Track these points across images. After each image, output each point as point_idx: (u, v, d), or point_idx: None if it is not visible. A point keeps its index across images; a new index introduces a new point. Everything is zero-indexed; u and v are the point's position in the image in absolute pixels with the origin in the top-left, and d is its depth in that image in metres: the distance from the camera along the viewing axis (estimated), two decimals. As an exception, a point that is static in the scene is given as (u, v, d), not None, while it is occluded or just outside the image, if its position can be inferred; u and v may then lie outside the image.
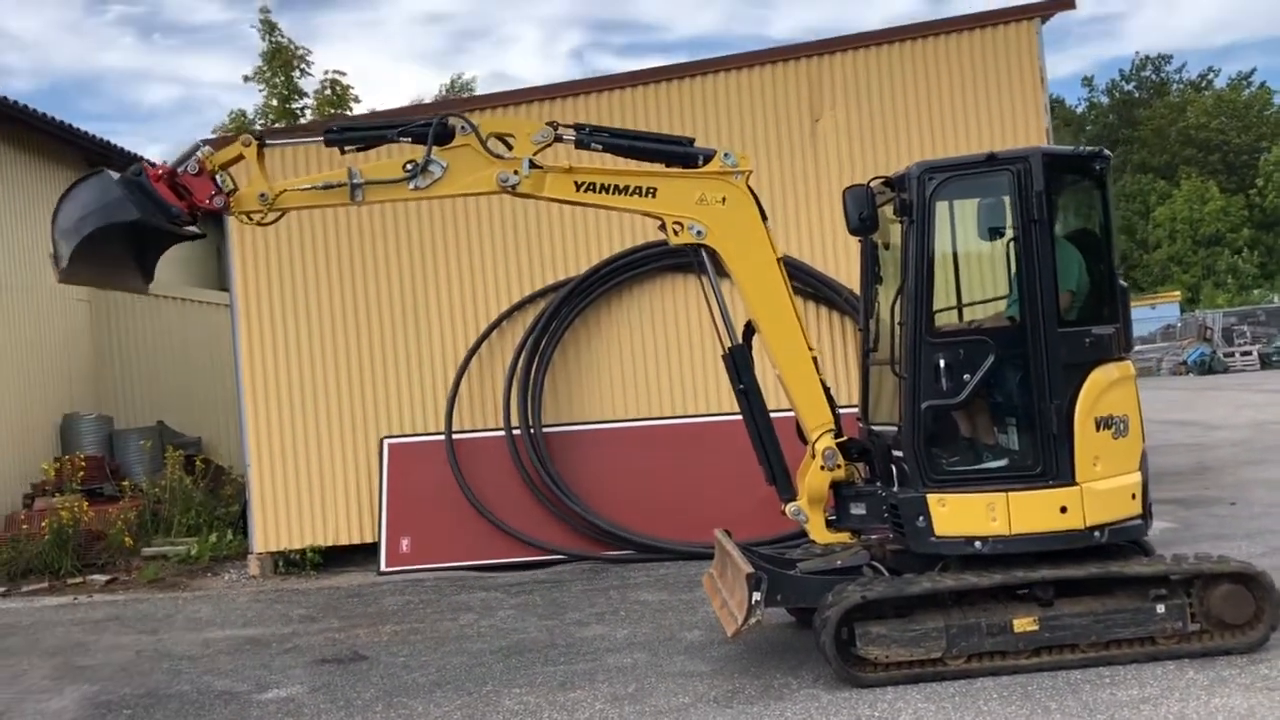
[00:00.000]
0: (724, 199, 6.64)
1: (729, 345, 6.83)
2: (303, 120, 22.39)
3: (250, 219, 6.78)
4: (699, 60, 11.60)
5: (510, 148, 6.69)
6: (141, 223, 6.44)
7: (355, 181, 6.62)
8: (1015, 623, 6.06)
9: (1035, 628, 6.06)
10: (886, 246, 7.04)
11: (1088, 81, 78.97)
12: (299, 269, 11.38)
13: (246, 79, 23.14)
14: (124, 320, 16.10)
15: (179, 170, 6.54)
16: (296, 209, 6.92)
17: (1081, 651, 6.10)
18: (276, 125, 21.80)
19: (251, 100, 41.82)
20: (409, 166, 6.57)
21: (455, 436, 11.05)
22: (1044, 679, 5.95)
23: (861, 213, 6.46)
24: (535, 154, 6.66)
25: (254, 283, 11.37)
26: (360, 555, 11.18)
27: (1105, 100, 63.48)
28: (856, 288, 8.56)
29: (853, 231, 6.63)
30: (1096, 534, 6.20)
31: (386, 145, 6.91)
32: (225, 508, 12.68)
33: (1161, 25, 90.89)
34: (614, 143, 6.87)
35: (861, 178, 9.54)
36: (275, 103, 22.57)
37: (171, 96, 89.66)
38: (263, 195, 6.64)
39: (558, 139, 6.73)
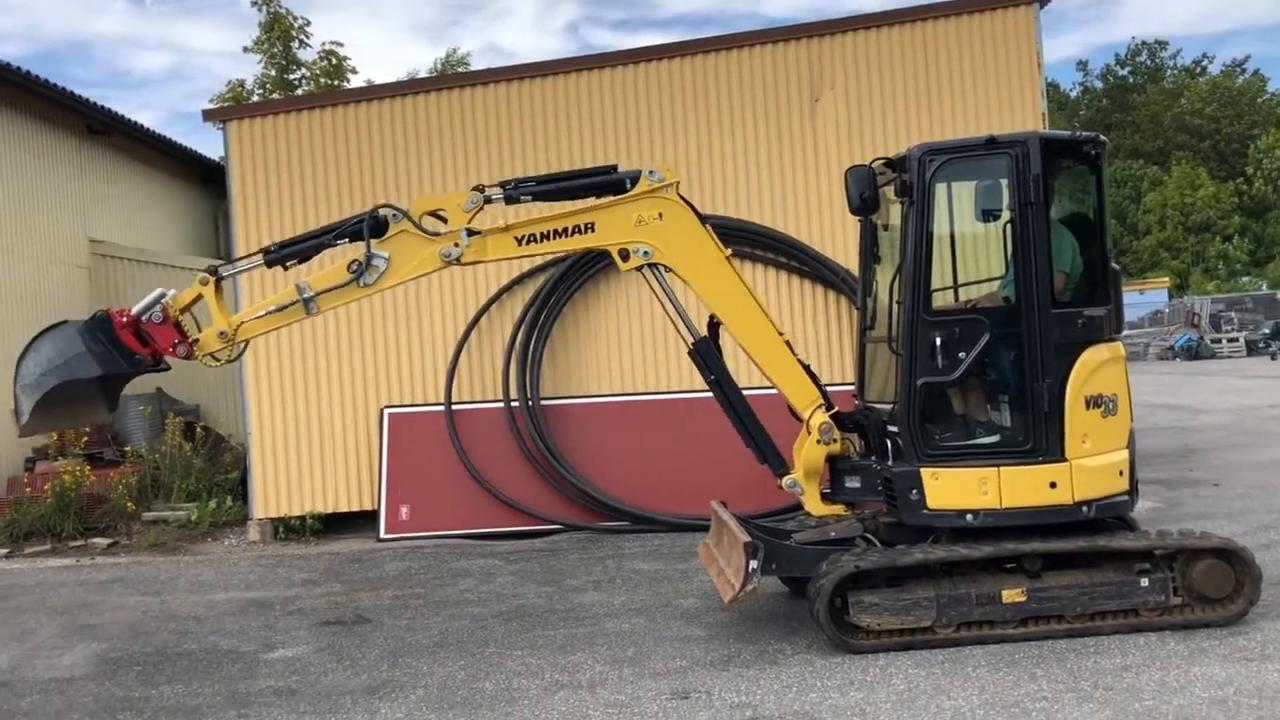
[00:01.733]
0: (660, 214, 6.79)
1: (691, 341, 7.01)
2: (299, 91, 22.41)
3: (217, 360, 6.88)
4: (698, 39, 11.71)
5: (445, 221, 6.80)
6: (104, 377, 6.63)
7: (305, 296, 6.72)
8: (1004, 594, 6.26)
9: (1023, 599, 6.26)
10: (885, 227, 7.21)
11: (1082, 66, 78.96)
12: (301, 239, 11.46)
13: (246, 50, 23.14)
14: (123, 287, 16.14)
15: (143, 319, 6.66)
16: (258, 336, 7.05)
17: (1067, 622, 6.30)
18: (274, 96, 21.80)
19: (247, 70, 41.72)
20: (354, 266, 6.67)
21: (454, 407, 11.20)
22: (1030, 648, 6.15)
23: (863, 193, 6.62)
24: (469, 221, 6.76)
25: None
26: (359, 522, 11.35)
27: (1099, 85, 63.57)
28: (853, 267, 8.74)
29: (854, 211, 6.79)
30: (1084, 509, 6.39)
31: (327, 251, 6.95)
32: (224, 474, 12.81)
33: (1157, 11, 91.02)
34: (541, 190, 6.99)
35: (859, 158, 9.75)
36: (274, 73, 22.58)
37: (164, 64, 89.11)
38: (222, 333, 6.76)
39: (487, 201, 6.83)
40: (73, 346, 6.56)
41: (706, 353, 7.02)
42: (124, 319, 6.66)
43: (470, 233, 6.74)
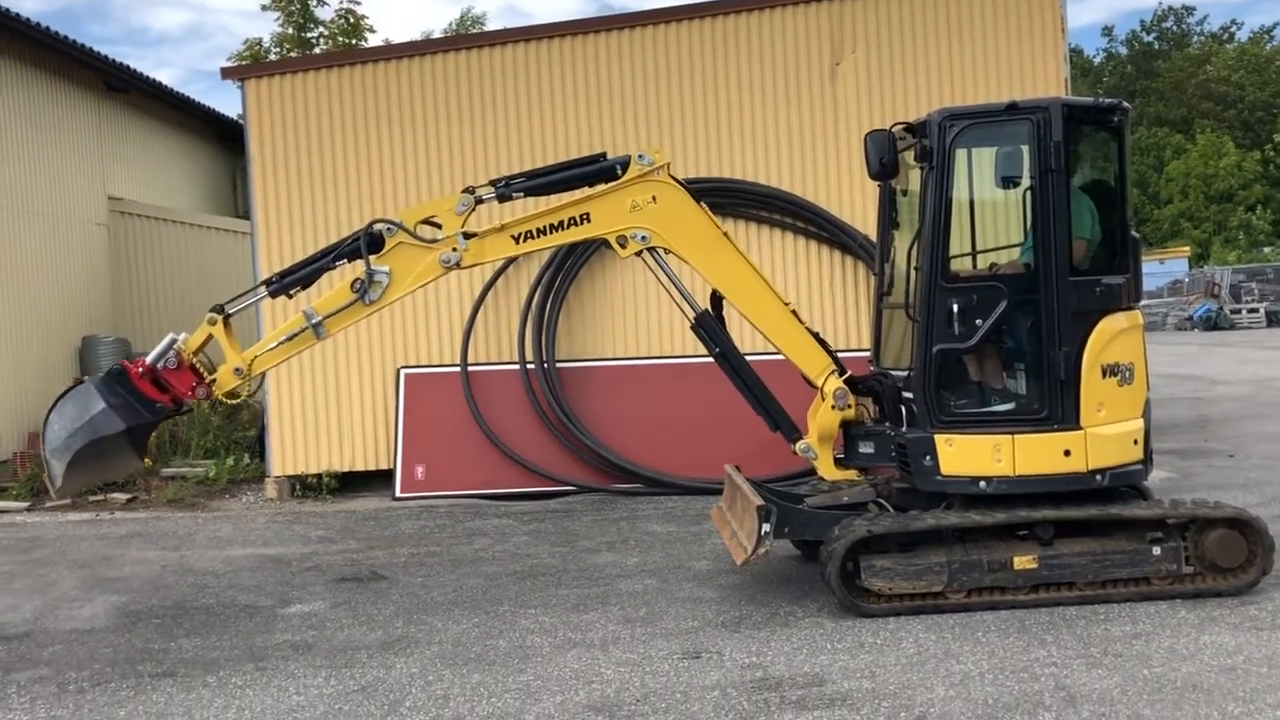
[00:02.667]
0: (654, 197, 6.78)
1: (693, 316, 7.03)
2: (317, 50, 22.34)
3: (236, 396, 7.00)
4: (719, 0, 11.56)
5: (440, 227, 6.82)
6: (130, 428, 6.68)
7: (314, 321, 6.79)
8: (1015, 560, 6.28)
9: (1034, 565, 6.28)
10: (904, 192, 7.17)
11: (1107, 31, 77.97)
12: (320, 198, 11.50)
13: (264, 8, 23.07)
14: (141, 245, 16.23)
15: (158, 366, 6.71)
16: (273, 367, 7.19)
17: (1078, 589, 6.32)
18: (292, 54, 21.76)
19: (265, 28, 41.48)
20: (357, 285, 6.72)
21: (470, 368, 11.24)
22: (1041, 614, 6.18)
23: (882, 158, 6.58)
24: (464, 225, 6.77)
25: (274, 209, 11.50)
26: (375, 481, 11.44)
27: (1124, 51, 62.76)
28: (871, 232, 8.70)
29: (873, 176, 6.76)
30: (1098, 477, 6.39)
31: (327, 274, 7.01)
32: (242, 432, 12.93)
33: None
34: (532, 185, 6.96)
35: (879, 122, 9.67)
36: (291, 32, 22.51)
37: (181, 22, 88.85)
38: (237, 369, 6.82)
39: (479, 202, 6.82)
40: (94, 404, 6.61)
41: (709, 327, 7.04)
42: (140, 369, 6.73)
43: (466, 236, 6.76)
